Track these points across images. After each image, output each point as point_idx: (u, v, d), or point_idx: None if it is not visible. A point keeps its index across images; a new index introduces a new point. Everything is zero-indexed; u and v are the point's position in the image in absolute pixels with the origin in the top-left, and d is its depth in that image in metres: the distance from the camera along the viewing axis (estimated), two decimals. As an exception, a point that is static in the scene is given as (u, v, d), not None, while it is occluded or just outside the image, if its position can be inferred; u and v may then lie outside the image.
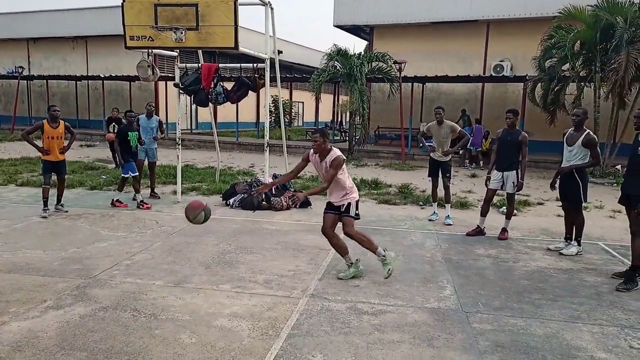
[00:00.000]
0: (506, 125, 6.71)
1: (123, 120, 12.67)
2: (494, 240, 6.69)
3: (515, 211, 7.79)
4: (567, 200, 6.19)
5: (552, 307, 4.42)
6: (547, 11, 16.19)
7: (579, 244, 6.12)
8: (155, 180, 9.40)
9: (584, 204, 6.18)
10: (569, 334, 3.90)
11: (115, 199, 8.24)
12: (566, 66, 13.86)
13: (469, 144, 15.01)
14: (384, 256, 5.06)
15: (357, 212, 5.10)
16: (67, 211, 7.74)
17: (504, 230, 6.82)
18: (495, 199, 7.88)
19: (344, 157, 4.92)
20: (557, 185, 6.23)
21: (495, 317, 4.17)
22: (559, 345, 3.71)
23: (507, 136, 6.67)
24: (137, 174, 8.40)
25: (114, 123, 12.58)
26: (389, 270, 5.06)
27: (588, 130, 5.96)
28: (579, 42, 13.29)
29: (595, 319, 4.20)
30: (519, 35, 17.92)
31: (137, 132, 8.48)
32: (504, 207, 7.54)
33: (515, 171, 6.64)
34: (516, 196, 7.19)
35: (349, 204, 5.00)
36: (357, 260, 5.18)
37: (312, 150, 4.91)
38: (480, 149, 15.51)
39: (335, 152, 4.88)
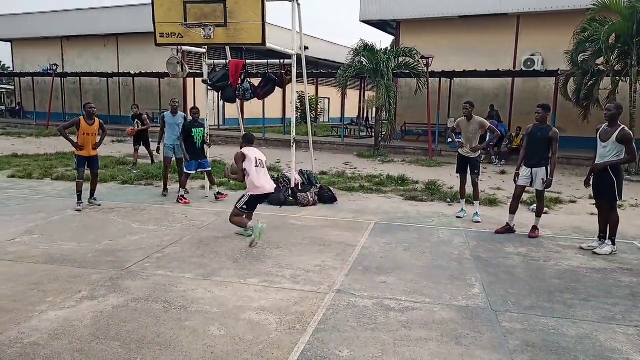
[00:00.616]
0: (536, 120, 6.56)
1: (144, 116, 12.88)
2: (524, 238, 6.56)
3: (546, 209, 7.64)
4: (601, 198, 6.03)
5: (585, 308, 4.32)
6: (580, 3, 15.71)
7: (613, 243, 5.95)
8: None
9: (618, 202, 6.01)
10: (603, 335, 3.80)
11: (180, 195, 8.46)
12: (600, 60, 13.43)
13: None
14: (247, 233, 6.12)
15: (243, 206, 6.22)
16: (99, 205, 7.96)
17: (535, 228, 6.68)
18: (525, 196, 7.74)
19: (242, 154, 6.22)
20: (591, 182, 6.07)
21: (526, 317, 4.10)
22: (592, 346, 3.62)
23: (537, 132, 6.53)
24: (193, 172, 8.59)
25: (137, 119, 12.83)
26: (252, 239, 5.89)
27: (623, 126, 5.77)
28: (614, 34, 12.85)
29: (631, 320, 4.09)
30: (550, 29, 17.46)
31: (202, 129, 8.54)
32: (534, 205, 7.39)
33: (544, 168, 6.49)
34: (547, 193, 7.04)
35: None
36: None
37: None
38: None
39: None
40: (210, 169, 8.83)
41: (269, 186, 6.39)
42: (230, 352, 3.44)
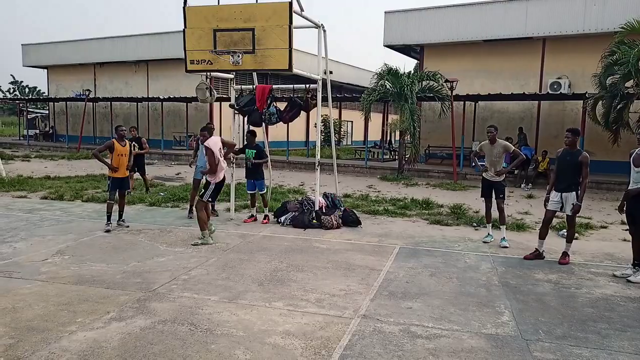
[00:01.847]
0: (565, 144, 6.47)
1: (143, 139, 12.50)
2: (554, 264, 6.40)
3: (576, 234, 7.45)
4: (636, 224, 5.86)
5: (621, 338, 4.16)
6: (607, 26, 15.58)
7: (649, 271, 5.75)
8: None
9: (653, 229, 5.82)
10: (641, 367, 3.65)
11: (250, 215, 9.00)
12: (630, 83, 13.20)
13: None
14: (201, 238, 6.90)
15: (204, 192, 6.94)
16: (128, 226, 8.11)
17: (565, 254, 6.52)
18: (554, 221, 7.56)
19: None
20: (625, 208, 5.92)
21: (558, 346, 3.97)
22: (629, 379, 3.48)
23: (566, 156, 6.43)
24: (254, 191, 8.95)
25: (134, 142, 12.39)
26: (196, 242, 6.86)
27: (657, 150, 5.64)
28: (643, 57, 12.65)
29: (670, 352, 3.92)
30: (577, 52, 17.30)
31: (254, 151, 8.85)
32: (564, 230, 7.22)
33: (575, 192, 6.36)
34: (577, 219, 6.88)
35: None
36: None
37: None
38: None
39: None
40: (263, 191, 9.00)
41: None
42: (256, 376, 3.43)
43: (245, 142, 8.97)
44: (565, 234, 6.76)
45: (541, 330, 4.30)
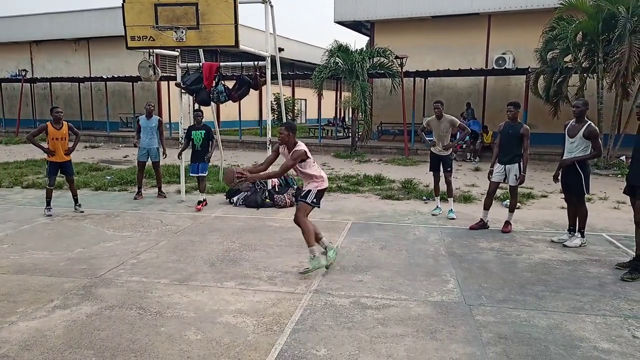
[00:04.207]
0: (507, 118, 6.71)
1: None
2: (498, 233, 6.70)
3: (518, 204, 7.80)
4: (570, 192, 6.20)
5: (555, 299, 4.43)
6: (549, 3, 16.10)
7: (583, 236, 6.12)
8: (161, 179, 9.45)
9: (586, 196, 6.18)
10: (572, 325, 3.91)
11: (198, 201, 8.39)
12: (568, 57, 13.78)
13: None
14: (313, 255, 4.98)
15: (314, 199, 5.11)
16: (83, 211, 7.80)
17: (507, 223, 6.82)
18: (499, 192, 7.88)
19: (305, 151, 5.08)
20: (560, 177, 6.24)
21: (499, 310, 4.19)
22: (562, 336, 3.72)
23: (509, 129, 6.67)
24: (201, 174, 8.35)
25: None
26: (306, 269, 5.00)
27: (589, 122, 5.94)
28: (580, 33, 13.20)
29: (599, 309, 4.21)
30: (520, 28, 17.84)
31: (202, 132, 8.33)
32: (507, 201, 7.55)
33: (517, 164, 6.64)
34: (520, 189, 7.19)
35: (310, 190, 5.13)
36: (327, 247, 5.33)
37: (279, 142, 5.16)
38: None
39: (300, 145, 5.10)
40: (205, 174, 8.48)
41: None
42: (207, 356, 3.43)
43: (192, 123, 8.59)
44: (508, 204, 7.07)
45: (483, 295, 4.51)
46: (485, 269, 5.26)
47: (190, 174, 8.60)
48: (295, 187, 9.00)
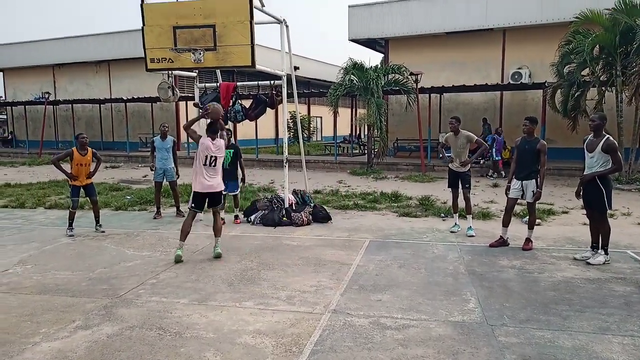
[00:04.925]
0: (523, 133, 6.66)
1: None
2: (518, 250, 6.59)
3: (539, 220, 7.70)
4: (592, 208, 6.09)
5: (580, 319, 4.32)
6: (564, 16, 16.05)
7: (606, 253, 5.99)
8: (179, 198, 9.56)
9: (609, 211, 6.06)
10: (599, 346, 3.81)
11: (234, 215, 8.78)
12: (586, 71, 13.67)
13: (495, 155, 14.90)
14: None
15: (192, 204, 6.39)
16: (104, 232, 7.92)
17: (528, 240, 6.72)
18: (518, 208, 7.79)
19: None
20: (581, 193, 6.14)
21: (522, 330, 4.10)
22: (588, 357, 3.62)
23: (525, 144, 6.61)
24: (232, 193, 8.57)
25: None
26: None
27: (607, 135, 5.86)
28: (597, 46, 13.11)
29: (626, 330, 4.09)
30: (536, 42, 17.79)
31: (231, 151, 8.34)
32: (527, 217, 7.44)
33: (534, 180, 6.56)
34: (540, 205, 7.09)
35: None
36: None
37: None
38: (499, 157, 15.29)
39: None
40: (236, 192, 8.68)
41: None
42: (226, 377, 3.42)
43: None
44: (528, 220, 6.97)
45: (506, 315, 4.43)
46: (506, 287, 5.17)
47: (226, 193, 8.70)
48: (312, 204, 9.01)
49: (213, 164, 6.30)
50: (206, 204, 6.46)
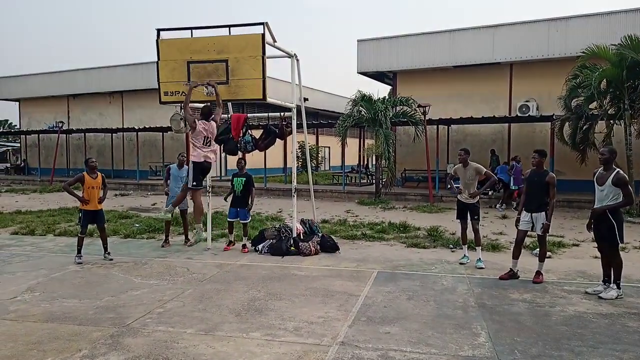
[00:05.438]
0: (532, 165, 6.67)
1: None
2: (529, 283, 6.50)
3: (549, 253, 7.62)
4: (603, 242, 6.03)
5: (594, 355, 4.23)
6: (570, 51, 16.27)
7: (619, 287, 5.89)
8: (188, 227, 9.59)
9: (621, 245, 6.00)
10: (613, 383, 3.72)
11: (242, 244, 8.86)
12: (593, 104, 13.73)
13: (512, 184, 14.70)
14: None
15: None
16: (112, 259, 7.95)
17: (539, 273, 6.63)
18: (528, 240, 7.72)
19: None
20: (592, 226, 6.09)
21: (533, 366, 4.02)
22: (602, 395, 3.53)
23: (534, 177, 6.62)
24: (243, 221, 8.84)
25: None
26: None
27: (617, 169, 5.86)
28: (605, 80, 13.21)
29: (641, 367, 4.00)
30: (543, 76, 17.97)
31: (243, 179, 8.78)
32: (537, 250, 7.36)
33: (544, 212, 6.53)
34: (550, 237, 7.03)
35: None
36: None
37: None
38: (516, 187, 14.92)
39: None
40: (247, 220, 8.94)
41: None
42: (233, 410, 3.36)
43: (236, 170, 9.05)
44: (538, 253, 6.90)
45: (517, 350, 4.35)
46: (517, 321, 5.08)
47: (228, 219, 8.98)
48: (320, 234, 9.00)
49: (208, 143, 7.75)
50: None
